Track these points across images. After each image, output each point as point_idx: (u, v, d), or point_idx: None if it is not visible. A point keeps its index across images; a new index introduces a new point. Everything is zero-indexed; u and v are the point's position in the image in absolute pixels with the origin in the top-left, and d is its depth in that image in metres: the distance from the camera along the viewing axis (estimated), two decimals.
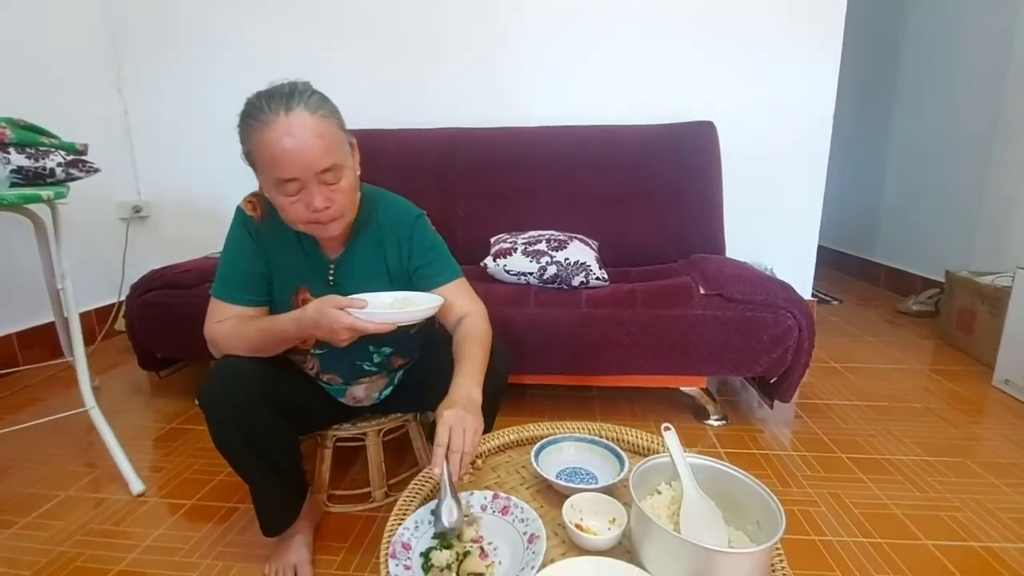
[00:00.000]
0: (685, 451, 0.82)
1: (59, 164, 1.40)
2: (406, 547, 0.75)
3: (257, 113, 0.83)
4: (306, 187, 0.85)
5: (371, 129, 2.20)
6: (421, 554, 0.75)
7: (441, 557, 0.72)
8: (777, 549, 0.74)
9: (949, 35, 2.82)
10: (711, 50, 2.20)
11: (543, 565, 0.71)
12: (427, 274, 1.04)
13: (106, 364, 2.17)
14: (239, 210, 1.01)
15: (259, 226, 1.00)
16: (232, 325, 0.96)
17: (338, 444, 1.24)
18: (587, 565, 0.71)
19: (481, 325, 1.02)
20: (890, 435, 1.58)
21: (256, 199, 1.01)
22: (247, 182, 0.95)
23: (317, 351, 1.07)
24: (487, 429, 1.10)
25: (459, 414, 0.82)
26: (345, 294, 0.87)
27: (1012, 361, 1.83)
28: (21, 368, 2.05)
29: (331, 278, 1.03)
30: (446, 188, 2.11)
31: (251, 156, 0.87)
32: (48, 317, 2.10)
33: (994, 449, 1.50)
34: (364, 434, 1.22)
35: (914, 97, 3.11)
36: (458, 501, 0.79)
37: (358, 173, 0.95)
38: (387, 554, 0.73)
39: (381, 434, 1.25)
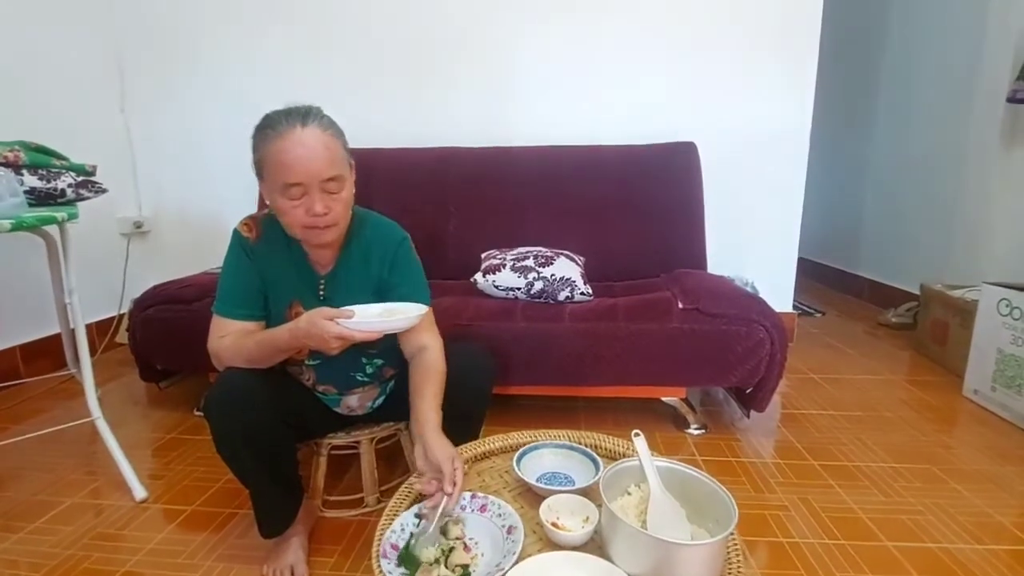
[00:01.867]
0: (653, 456, 0.90)
1: (69, 185, 1.47)
2: (395, 548, 0.82)
3: (275, 124, 0.93)
4: (309, 193, 0.94)
5: (366, 148, 2.28)
6: (408, 551, 0.81)
7: (428, 554, 0.79)
8: (733, 541, 0.80)
9: (925, 53, 2.94)
10: (693, 71, 2.31)
11: (521, 557, 0.78)
12: (400, 294, 1.10)
13: (106, 376, 2.22)
14: (236, 233, 1.09)
15: (255, 247, 1.08)
16: (233, 340, 1.03)
17: (333, 452, 1.30)
18: (561, 558, 0.78)
19: (440, 363, 1.08)
20: (861, 443, 1.65)
21: (252, 222, 1.10)
22: (246, 198, 1.04)
23: (311, 362, 1.14)
24: (474, 436, 1.18)
25: (456, 452, 0.94)
26: (335, 307, 0.95)
27: (980, 372, 1.91)
28: (24, 380, 2.11)
29: (321, 293, 1.11)
30: (438, 205, 2.19)
31: (261, 163, 0.96)
32: (49, 330, 2.17)
33: (960, 456, 1.58)
34: (358, 442, 1.29)
35: (890, 113, 3.22)
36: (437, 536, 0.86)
37: (353, 191, 1.04)
38: (379, 554, 0.80)
39: (374, 442, 1.31)
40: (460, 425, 1.18)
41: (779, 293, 2.41)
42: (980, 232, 2.52)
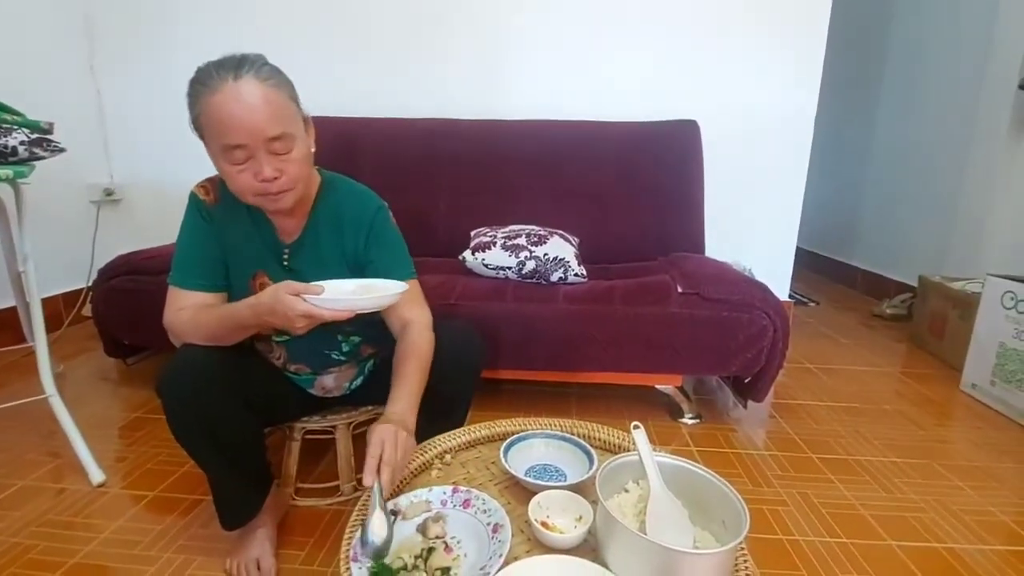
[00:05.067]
0: (654, 450, 0.82)
1: (22, 143, 1.34)
2: None
3: (206, 79, 0.82)
4: (254, 156, 0.84)
5: (354, 117, 2.17)
6: (380, 563, 0.72)
7: (404, 560, 0.71)
8: (741, 549, 0.73)
9: (930, 43, 2.87)
10: (697, 49, 2.20)
11: (508, 559, 0.70)
12: (379, 268, 1.01)
13: (73, 350, 2.11)
14: (192, 195, 0.99)
15: (212, 210, 0.98)
16: (191, 314, 0.93)
17: (308, 436, 1.22)
18: (551, 563, 0.70)
19: (422, 341, 0.99)
20: (860, 436, 1.60)
21: (209, 184, 0.99)
22: None
23: (278, 339, 1.05)
24: (460, 423, 1.10)
25: (393, 429, 0.81)
26: (301, 280, 0.85)
27: (979, 366, 1.87)
28: None
29: (286, 261, 1.01)
30: (428, 179, 2.08)
31: (199, 122, 0.85)
32: (12, 300, 2.04)
33: (959, 452, 1.53)
34: (334, 427, 1.20)
35: (894, 103, 3.15)
36: (387, 515, 0.74)
37: (312, 149, 0.94)
38: (348, 558, 0.71)
39: (351, 427, 1.23)
40: (445, 409, 1.10)
41: (776, 281, 2.34)
42: (982, 224, 2.47)
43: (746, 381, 1.58)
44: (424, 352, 0.98)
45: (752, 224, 2.34)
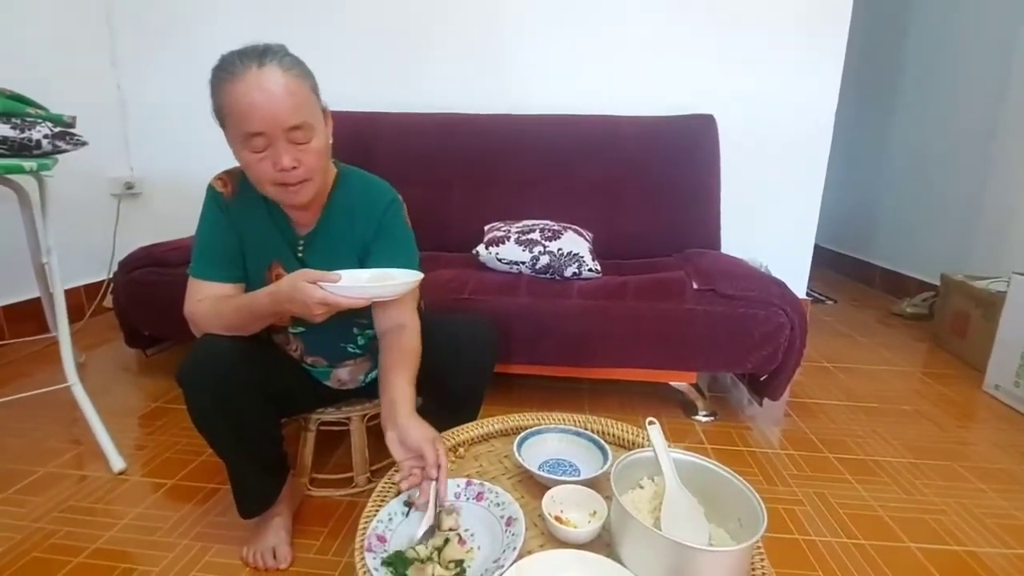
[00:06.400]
0: (669, 446, 0.81)
1: (45, 136, 1.37)
2: (381, 539, 0.74)
3: (229, 67, 0.82)
4: (273, 144, 0.84)
5: (367, 112, 2.18)
6: (395, 553, 0.73)
7: (418, 552, 0.71)
8: (758, 548, 0.73)
9: (951, 38, 2.80)
10: (714, 43, 2.17)
11: (521, 552, 0.70)
12: (379, 261, 0.99)
13: (94, 341, 2.15)
14: (210, 188, 1.00)
15: (230, 202, 0.99)
16: (211, 304, 0.95)
17: (322, 428, 1.23)
18: (565, 557, 0.70)
19: (418, 345, 0.98)
20: (878, 436, 1.57)
21: (227, 176, 1.00)
22: None
23: (294, 330, 1.06)
24: (473, 417, 1.10)
25: (439, 437, 0.85)
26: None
27: (1003, 367, 1.82)
28: (7, 342, 2.03)
29: (300, 254, 1.02)
30: (441, 174, 2.08)
31: (221, 111, 0.86)
32: (36, 291, 2.08)
33: (981, 454, 1.50)
34: (348, 418, 1.21)
35: (915, 99, 3.08)
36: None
37: (330, 141, 0.94)
38: (363, 548, 0.72)
39: (366, 419, 1.24)
40: (458, 403, 1.11)
41: (793, 278, 2.30)
42: (1006, 221, 2.41)
43: (762, 379, 1.56)
44: (419, 356, 0.97)
45: (769, 220, 2.30)
